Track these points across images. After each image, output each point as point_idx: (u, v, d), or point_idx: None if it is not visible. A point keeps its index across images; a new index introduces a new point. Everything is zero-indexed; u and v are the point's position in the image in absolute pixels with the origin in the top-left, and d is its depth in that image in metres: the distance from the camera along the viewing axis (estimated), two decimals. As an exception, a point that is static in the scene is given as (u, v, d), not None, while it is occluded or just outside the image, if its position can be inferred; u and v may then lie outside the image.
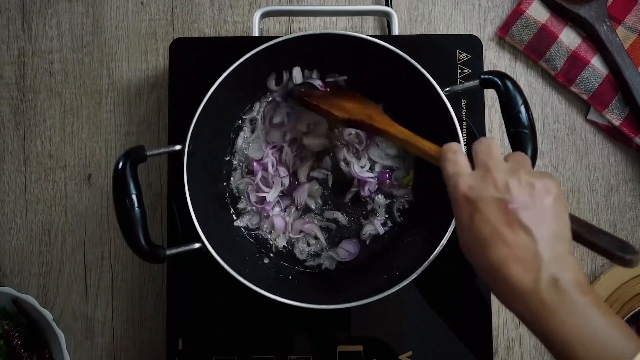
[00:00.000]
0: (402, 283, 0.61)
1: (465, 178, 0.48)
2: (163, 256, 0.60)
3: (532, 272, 0.44)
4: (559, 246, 0.45)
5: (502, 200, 0.45)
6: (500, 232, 0.45)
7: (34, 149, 0.78)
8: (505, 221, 0.45)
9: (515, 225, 0.45)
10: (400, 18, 0.79)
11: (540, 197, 0.46)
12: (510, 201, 0.45)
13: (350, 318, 0.70)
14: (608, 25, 0.75)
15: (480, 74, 0.63)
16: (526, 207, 0.45)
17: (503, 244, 0.45)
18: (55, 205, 0.77)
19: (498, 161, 0.48)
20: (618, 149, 0.79)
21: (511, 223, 0.45)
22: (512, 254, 0.44)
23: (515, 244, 0.44)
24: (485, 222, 0.46)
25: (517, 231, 0.45)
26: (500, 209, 0.45)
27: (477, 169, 0.49)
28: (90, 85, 0.79)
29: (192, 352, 0.68)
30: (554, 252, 0.44)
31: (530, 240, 0.44)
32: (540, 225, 0.45)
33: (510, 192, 0.46)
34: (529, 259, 0.44)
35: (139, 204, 0.59)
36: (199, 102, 0.62)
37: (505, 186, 0.46)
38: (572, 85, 0.77)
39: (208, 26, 0.80)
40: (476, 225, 0.46)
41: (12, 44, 0.79)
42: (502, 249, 0.45)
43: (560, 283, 0.43)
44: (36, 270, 0.76)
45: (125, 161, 0.59)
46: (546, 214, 0.45)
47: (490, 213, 0.46)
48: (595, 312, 0.43)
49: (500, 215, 0.45)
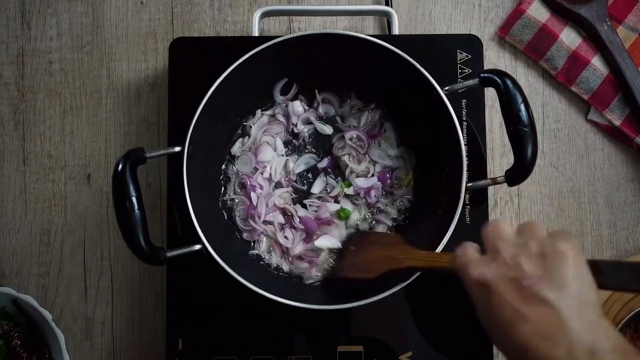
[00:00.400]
0: (403, 283, 0.61)
1: (474, 265, 0.48)
2: (163, 258, 0.60)
3: (562, 346, 0.42)
4: (587, 311, 0.43)
5: (515, 278, 0.44)
6: (519, 311, 0.43)
7: (33, 149, 0.78)
8: (522, 299, 0.44)
9: (533, 300, 0.43)
10: (400, 18, 0.79)
11: (554, 266, 0.44)
12: (524, 277, 0.44)
13: (350, 318, 0.69)
14: (609, 25, 0.75)
15: (480, 73, 0.63)
16: (541, 279, 0.44)
17: (524, 322, 0.43)
18: (55, 206, 0.77)
19: (506, 239, 0.47)
20: (618, 149, 0.79)
21: (529, 300, 0.43)
22: (537, 330, 0.42)
23: (536, 320, 0.43)
24: (503, 303, 0.44)
25: (536, 306, 0.43)
26: (514, 287, 0.44)
27: (487, 253, 0.48)
28: (89, 85, 0.79)
29: (191, 353, 0.68)
30: (584, 319, 0.42)
31: (553, 312, 0.43)
32: (561, 294, 0.43)
33: (521, 268, 0.44)
34: (555, 333, 0.42)
35: (139, 206, 0.58)
36: (199, 102, 0.62)
37: (516, 263, 0.45)
38: (572, 85, 0.77)
39: (208, 26, 0.80)
40: (494, 308, 0.45)
41: (12, 43, 0.79)
42: (524, 327, 0.43)
43: (597, 355, 0.41)
44: (36, 271, 0.76)
45: (125, 163, 0.59)
46: (565, 281, 0.44)
47: (505, 293, 0.44)
48: None
49: (517, 294, 0.44)
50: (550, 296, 0.43)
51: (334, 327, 0.69)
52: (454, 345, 0.69)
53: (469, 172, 0.62)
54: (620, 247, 0.77)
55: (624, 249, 0.77)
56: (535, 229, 0.48)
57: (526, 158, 0.60)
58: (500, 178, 0.63)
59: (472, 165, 0.66)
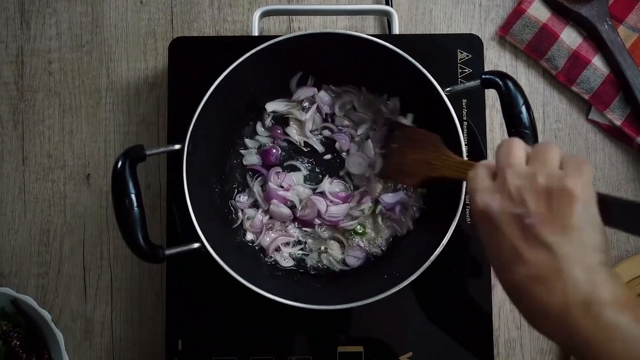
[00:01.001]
0: (403, 283, 0.61)
1: (481, 192, 0.45)
2: (162, 256, 0.60)
3: (558, 293, 0.40)
4: (589, 259, 0.40)
5: (518, 215, 0.42)
6: (519, 251, 0.41)
7: (32, 148, 0.78)
8: (523, 238, 0.41)
9: (534, 241, 0.41)
10: (400, 17, 0.79)
11: (559, 206, 0.41)
12: (527, 215, 0.41)
13: (350, 319, 0.69)
14: (609, 24, 0.75)
15: (481, 74, 0.62)
16: (544, 220, 0.41)
17: (522, 263, 0.41)
18: (54, 205, 0.77)
19: (517, 166, 0.44)
20: (619, 149, 0.79)
21: (530, 239, 0.41)
22: (533, 274, 0.41)
23: (534, 263, 0.41)
24: (504, 240, 0.42)
25: (536, 248, 0.41)
26: (517, 224, 0.42)
27: (497, 180, 0.45)
28: (89, 85, 0.78)
29: (191, 353, 0.68)
30: (583, 268, 0.40)
31: (552, 257, 0.40)
32: (563, 237, 0.40)
33: (526, 205, 0.42)
34: (552, 279, 0.40)
35: (138, 203, 0.58)
36: (199, 101, 0.62)
37: (521, 197, 0.42)
38: (573, 85, 0.77)
39: (207, 25, 0.80)
40: (495, 243, 0.43)
41: (11, 43, 0.79)
42: (522, 268, 0.41)
43: (593, 306, 0.39)
44: (35, 271, 0.76)
45: (125, 160, 0.59)
46: (570, 224, 0.40)
47: (507, 229, 0.42)
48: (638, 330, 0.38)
49: (518, 232, 0.42)
50: (552, 239, 0.40)
51: (334, 327, 0.69)
52: (454, 345, 0.69)
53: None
54: (621, 247, 0.77)
55: (625, 248, 0.77)
56: (548, 157, 0.43)
57: None
58: None
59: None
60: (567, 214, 0.41)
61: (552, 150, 0.44)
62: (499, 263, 0.44)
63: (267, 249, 0.70)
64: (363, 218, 0.71)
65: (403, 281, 0.61)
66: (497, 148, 0.46)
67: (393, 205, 0.70)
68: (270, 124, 0.73)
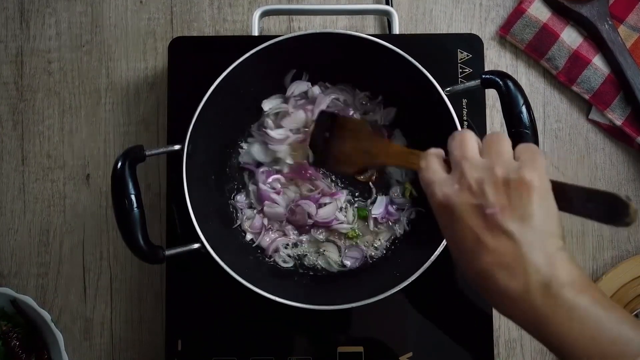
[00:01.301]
0: (403, 284, 0.61)
1: (439, 185, 0.46)
2: (162, 257, 0.60)
3: (519, 277, 0.42)
4: (547, 244, 0.42)
5: (479, 206, 0.43)
6: (481, 240, 0.43)
7: (32, 148, 0.77)
8: (485, 227, 0.43)
9: (496, 230, 0.43)
10: (400, 17, 0.79)
11: (518, 196, 0.43)
12: (487, 206, 0.43)
13: (350, 319, 0.69)
14: (610, 24, 0.75)
15: (482, 74, 0.62)
16: (504, 209, 0.43)
17: (486, 251, 0.43)
18: (54, 206, 0.77)
19: (472, 158, 0.45)
20: (620, 149, 0.78)
21: (491, 228, 0.43)
22: (497, 261, 0.42)
23: (497, 251, 0.42)
24: (466, 230, 0.44)
25: (498, 236, 0.42)
26: (478, 215, 0.43)
27: (452, 172, 0.46)
28: (88, 85, 0.78)
29: (191, 353, 0.68)
30: (543, 253, 0.42)
31: (513, 244, 0.42)
32: (522, 226, 0.42)
33: (486, 196, 0.43)
34: (514, 265, 0.42)
35: (138, 204, 0.58)
36: (199, 101, 0.62)
37: (480, 189, 0.43)
38: (573, 85, 0.77)
39: (207, 25, 0.79)
40: (458, 234, 0.44)
41: (11, 43, 0.79)
42: (485, 256, 0.43)
43: (552, 287, 0.41)
44: (34, 271, 0.76)
45: (124, 161, 0.59)
46: (528, 212, 0.42)
47: (468, 220, 0.43)
48: (595, 311, 0.41)
49: (480, 222, 0.43)
50: (512, 227, 0.42)
51: (334, 327, 0.69)
52: (454, 345, 0.69)
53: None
54: (622, 247, 0.77)
55: (625, 248, 0.77)
56: (502, 148, 0.45)
57: None
58: None
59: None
60: (525, 203, 0.43)
61: (504, 142, 0.46)
62: (462, 253, 0.45)
63: (267, 249, 0.70)
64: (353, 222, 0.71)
65: (403, 281, 0.61)
66: (449, 140, 0.48)
67: (384, 214, 0.71)
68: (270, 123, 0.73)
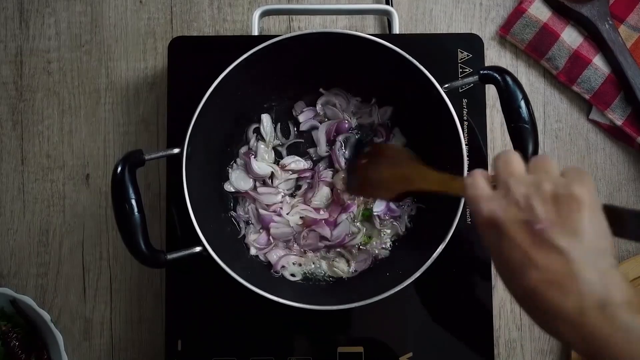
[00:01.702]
0: (403, 284, 0.60)
1: (486, 201, 0.45)
2: (164, 261, 0.59)
3: (573, 296, 0.40)
4: (599, 261, 0.41)
5: (527, 221, 0.42)
6: (530, 257, 0.42)
7: (31, 148, 0.77)
8: (533, 243, 0.42)
9: (545, 246, 0.41)
10: (400, 17, 0.78)
11: (568, 211, 0.42)
12: (536, 221, 0.42)
13: (350, 319, 0.69)
14: (610, 24, 0.75)
15: (480, 69, 0.62)
16: (554, 225, 0.41)
17: (535, 268, 0.41)
18: (53, 206, 0.77)
19: (519, 176, 0.45)
20: (620, 149, 0.78)
21: (541, 245, 0.41)
22: (547, 278, 0.41)
23: (548, 268, 0.41)
24: (514, 246, 0.42)
25: (548, 253, 0.41)
26: (526, 231, 0.42)
27: (498, 189, 0.45)
28: (88, 85, 0.78)
29: (191, 354, 0.68)
30: (596, 269, 0.40)
31: (564, 260, 0.41)
32: (574, 241, 0.41)
33: (534, 211, 0.42)
34: (566, 282, 0.40)
35: (139, 208, 0.58)
36: (199, 101, 0.62)
37: (528, 205, 0.42)
38: (573, 85, 0.77)
39: (207, 25, 0.79)
40: (505, 251, 0.43)
41: (10, 42, 0.78)
42: (534, 273, 0.41)
43: (608, 307, 0.39)
44: (34, 271, 0.76)
45: (124, 166, 0.58)
46: (579, 228, 0.41)
47: (517, 236, 0.42)
48: None
49: (528, 238, 0.42)
50: (563, 243, 0.41)
51: (334, 327, 0.69)
52: (454, 345, 0.69)
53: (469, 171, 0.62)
54: (622, 247, 0.77)
55: (626, 249, 0.77)
56: (549, 167, 0.45)
57: (527, 154, 0.59)
58: None
59: (473, 164, 0.66)
60: (576, 219, 0.42)
61: (551, 162, 0.45)
62: (509, 270, 0.44)
63: (275, 265, 0.70)
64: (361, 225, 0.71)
65: (403, 282, 0.60)
66: (494, 159, 0.47)
67: (385, 210, 0.71)
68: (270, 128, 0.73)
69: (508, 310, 0.75)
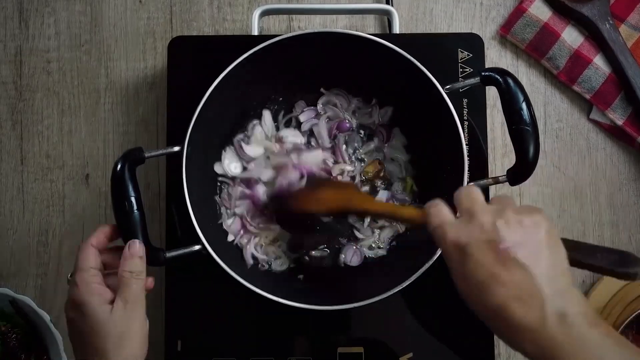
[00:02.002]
0: (404, 284, 0.60)
1: (451, 226, 0.48)
2: (163, 259, 0.59)
3: (535, 309, 0.43)
4: (559, 279, 0.44)
5: (491, 241, 0.45)
6: (495, 274, 0.44)
7: (31, 148, 0.77)
8: (498, 261, 0.44)
9: (509, 263, 0.44)
10: (401, 16, 0.78)
11: (531, 233, 0.45)
12: (501, 240, 0.45)
13: (350, 319, 0.69)
14: (611, 23, 0.75)
15: (481, 71, 0.62)
16: (518, 244, 0.44)
17: (500, 285, 0.44)
18: (53, 206, 0.76)
19: (482, 204, 0.48)
20: (621, 149, 0.78)
21: (505, 262, 0.44)
22: (511, 293, 0.43)
23: (512, 283, 0.43)
24: (478, 265, 0.45)
25: (512, 269, 0.44)
26: (491, 249, 0.45)
27: (462, 217, 0.48)
28: (88, 85, 0.78)
29: (191, 354, 0.68)
30: (556, 286, 0.44)
31: (528, 276, 0.44)
32: (536, 260, 0.44)
33: (499, 232, 0.45)
34: (529, 296, 0.43)
35: (138, 206, 0.58)
36: (198, 101, 0.62)
37: (493, 227, 0.45)
38: (574, 85, 0.77)
39: (207, 25, 0.79)
40: (470, 270, 0.45)
41: (9, 42, 0.78)
42: (500, 290, 0.44)
43: (567, 318, 0.42)
44: (34, 271, 0.76)
45: (124, 163, 0.58)
46: (540, 249, 0.45)
47: (482, 256, 0.45)
48: (607, 344, 0.42)
49: (493, 256, 0.44)
50: (527, 260, 0.44)
51: (334, 328, 0.69)
52: (455, 346, 0.69)
53: (470, 172, 0.62)
54: (623, 247, 0.76)
55: (626, 249, 0.76)
56: (509, 201, 0.49)
57: (528, 156, 0.59)
58: (502, 177, 0.62)
59: (474, 164, 0.66)
60: (538, 240, 0.45)
61: (509, 197, 0.51)
62: (474, 288, 0.46)
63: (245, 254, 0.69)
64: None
65: (404, 282, 0.60)
66: (456, 194, 0.50)
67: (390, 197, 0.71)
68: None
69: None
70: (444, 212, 0.50)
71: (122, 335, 0.52)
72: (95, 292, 0.53)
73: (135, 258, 0.55)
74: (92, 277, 0.54)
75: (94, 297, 0.53)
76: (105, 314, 0.52)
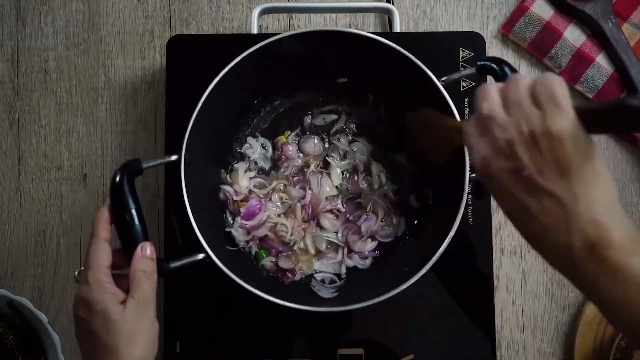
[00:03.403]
0: (404, 285, 0.60)
1: (477, 152, 0.45)
2: (167, 270, 0.58)
3: (564, 238, 0.41)
4: (593, 198, 0.40)
5: (513, 170, 0.42)
6: (525, 205, 0.42)
7: (28, 148, 0.77)
8: (525, 191, 0.42)
9: (537, 192, 0.42)
10: (401, 15, 0.78)
11: (550, 150, 0.41)
12: (522, 168, 0.42)
13: (351, 321, 0.69)
14: (613, 22, 0.74)
15: (478, 61, 0.61)
16: (540, 168, 0.41)
17: (531, 216, 0.42)
18: (50, 206, 0.76)
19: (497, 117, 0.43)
20: (623, 149, 0.78)
21: (531, 191, 0.42)
22: (544, 224, 0.42)
23: (542, 213, 0.42)
24: (508, 196, 0.43)
25: (540, 198, 0.42)
26: (516, 179, 0.42)
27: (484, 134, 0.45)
28: (86, 84, 0.77)
29: (189, 356, 0.67)
30: (588, 209, 0.40)
31: (557, 204, 0.41)
32: (563, 182, 0.41)
33: (519, 158, 0.42)
34: (560, 225, 0.41)
35: (139, 218, 0.56)
36: (197, 100, 0.61)
37: (512, 151, 0.42)
38: (577, 84, 0.76)
39: (206, 23, 0.79)
40: (504, 199, 0.45)
41: (7, 41, 0.78)
42: (532, 221, 0.42)
43: (597, 249, 0.40)
44: (31, 272, 0.75)
45: (122, 176, 0.56)
46: (564, 166, 0.41)
47: (509, 187, 0.43)
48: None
49: (519, 186, 0.42)
50: (553, 187, 0.41)
51: (334, 329, 0.69)
52: (456, 347, 0.68)
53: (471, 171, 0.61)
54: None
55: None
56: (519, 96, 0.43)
57: None
58: None
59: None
60: (559, 157, 0.41)
61: (519, 86, 0.43)
62: (510, 215, 0.45)
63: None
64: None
65: (404, 283, 0.60)
66: (474, 97, 0.46)
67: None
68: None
69: (510, 312, 0.75)
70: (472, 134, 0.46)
71: (133, 335, 0.51)
72: (109, 291, 0.52)
73: (147, 258, 0.54)
74: (105, 276, 0.52)
75: (107, 295, 0.51)
76: (118, 314, 0.51)
